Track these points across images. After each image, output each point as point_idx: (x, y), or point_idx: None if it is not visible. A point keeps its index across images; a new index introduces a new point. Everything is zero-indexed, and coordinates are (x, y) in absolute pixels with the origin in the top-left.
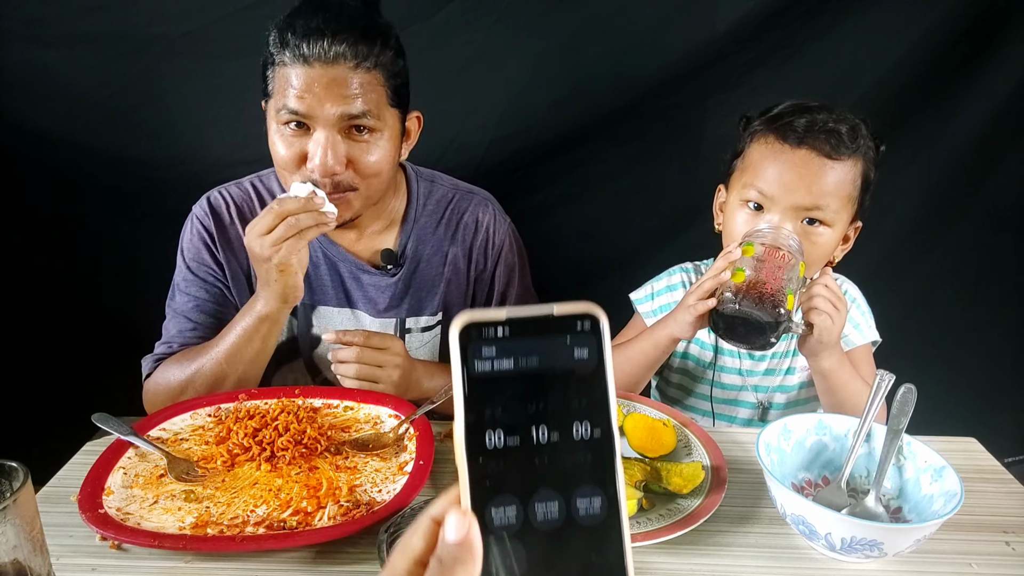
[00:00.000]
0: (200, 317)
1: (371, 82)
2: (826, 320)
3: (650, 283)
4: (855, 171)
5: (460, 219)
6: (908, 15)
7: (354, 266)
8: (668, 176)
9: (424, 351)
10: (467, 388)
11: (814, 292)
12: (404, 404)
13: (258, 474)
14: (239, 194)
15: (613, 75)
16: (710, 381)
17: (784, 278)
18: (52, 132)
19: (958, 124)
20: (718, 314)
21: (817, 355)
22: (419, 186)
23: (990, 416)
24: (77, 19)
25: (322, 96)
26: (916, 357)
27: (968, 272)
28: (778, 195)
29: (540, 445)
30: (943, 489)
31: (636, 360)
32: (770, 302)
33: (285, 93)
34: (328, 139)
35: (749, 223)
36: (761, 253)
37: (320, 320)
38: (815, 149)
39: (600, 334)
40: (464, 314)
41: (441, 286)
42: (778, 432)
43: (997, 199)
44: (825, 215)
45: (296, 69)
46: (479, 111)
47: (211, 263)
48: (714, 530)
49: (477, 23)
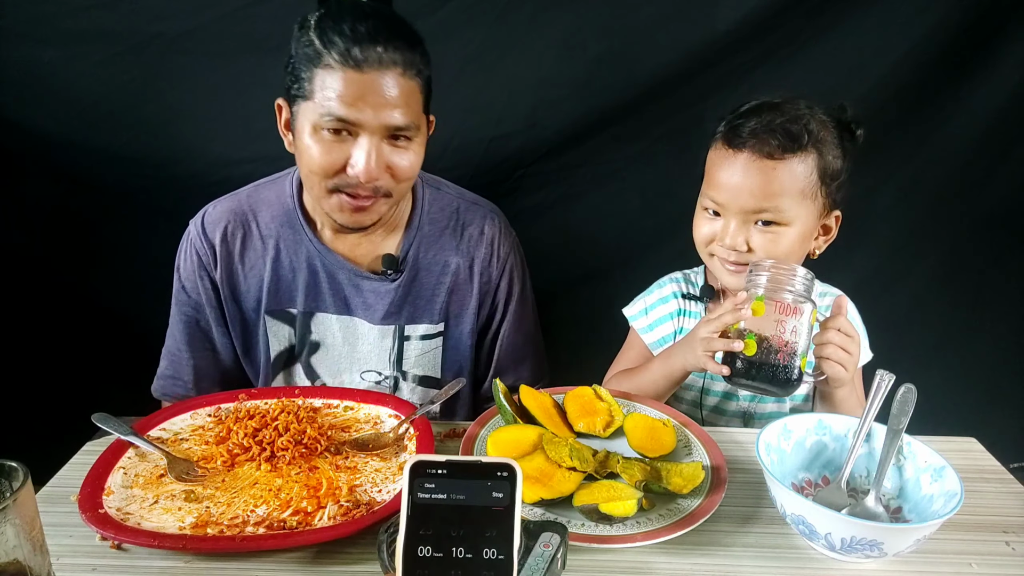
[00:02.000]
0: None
1: (414, 90)
2: (839, 371)
3: (641, 298)
4: (805, 166)
5: (465, 230)
6: (908, 15)
7: (352, 273)
8: (668, 176)
9: (425, 359)
10: (410, 510)
11: (826, 339)
12: (404, 404)
13: (258, 474)
14: (232, 207)
15: (613, 75)
16: (700, 388)
17: (795, 336)
18: (51, 130)
19: (959, 124)
20: (733, 376)
21: (833, 404)
22: (425, 192)
23: (990, 416)
24: (77, 17)
25: (372, 103)
26: (916, 357)
27: (968, 272)
28: (727, 201)
29: (456, 559)
30: (943, 489)
31: (648, 391)
32: (783, 372)
33: (329, 97)
34: (374, 146)
35: (709, 228)
36: (772, 311)
37: (318, 327)
38: (756, 151)
39: (514, 481)
40: (416, 456)
41: (442, 295)
42: (778, 432)
43: (998, 199)
44: (776, 216)
45: (347, 73)
46: (479, 110)
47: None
48: (714, 530)
49: (477, 22)
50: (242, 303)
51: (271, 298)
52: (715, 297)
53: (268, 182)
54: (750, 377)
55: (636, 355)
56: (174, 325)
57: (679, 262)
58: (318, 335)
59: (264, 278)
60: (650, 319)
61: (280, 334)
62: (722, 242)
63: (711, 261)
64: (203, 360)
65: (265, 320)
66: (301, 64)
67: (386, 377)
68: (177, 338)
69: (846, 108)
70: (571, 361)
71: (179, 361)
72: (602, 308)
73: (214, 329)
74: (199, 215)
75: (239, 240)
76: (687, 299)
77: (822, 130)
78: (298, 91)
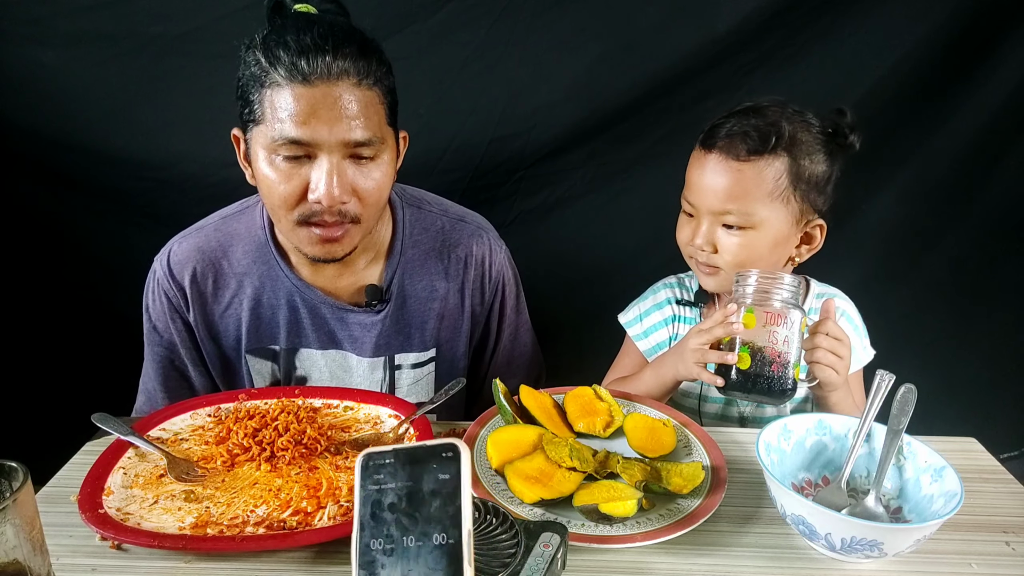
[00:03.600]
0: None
1: (373, 101)
2: (831, 374)
3: (636, 304)
4: (773, 170)
5: (452, 252)
6: (909, 16)
7: (336, 308)
8: (668, 178)
9: (419, 387)
10: (361, 504)
11: (816, 344)
12: (404, 404)
13: (258, 474)
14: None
15: (613, 75)
16: (698, 396)
17: (787, 346)
18: (49, 131)
19: (958, 124)
20: (727, 391)
21: (829, 406)
22: (405, 214)
23: (990, 416)
24: (74, 19)
25: (327, 119)
26: (916, 357)
27: (968, 272)
28: (696, 201)
29: (407, 548)
30: (943, 489)
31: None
32: (778, 383)
33: (280, 119)
34: (334, 166)
35: (687, 229)
36: (762, 322)
37: (303, 363)
38: (723, 152)
39: (459, 461)
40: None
41: (432, 322)
42: (778, 432)
43: (997, 199)
44: (739, 219)
45: (294, 89)
46: (479, 111)
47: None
48: (714, 530)
49: (477, 23)
50: (221, 343)
51: (251, 337)
52: (709, 302)
53: (236, 213)
54: (745, 390)
55: (631, 362)
56: (148, 363)
57: (679, 264)
58: (303, 370)
59: (242, 318)
60: (644, 326)
61: (263, 371)
62: (692, 243)
63: (690, 262)
64: (180, 399)
65: (247, 359)
66: (249, 86)
67: None
68: (151, 376)
69: (845, 112)
70: (568, 364)
71: (155, 400)
72: (600, 311)
73: (190, 368)
74: (164, 253)
75: (211, 282)
76: (681, 305)
77: (801, 133)
78: (249, 116)
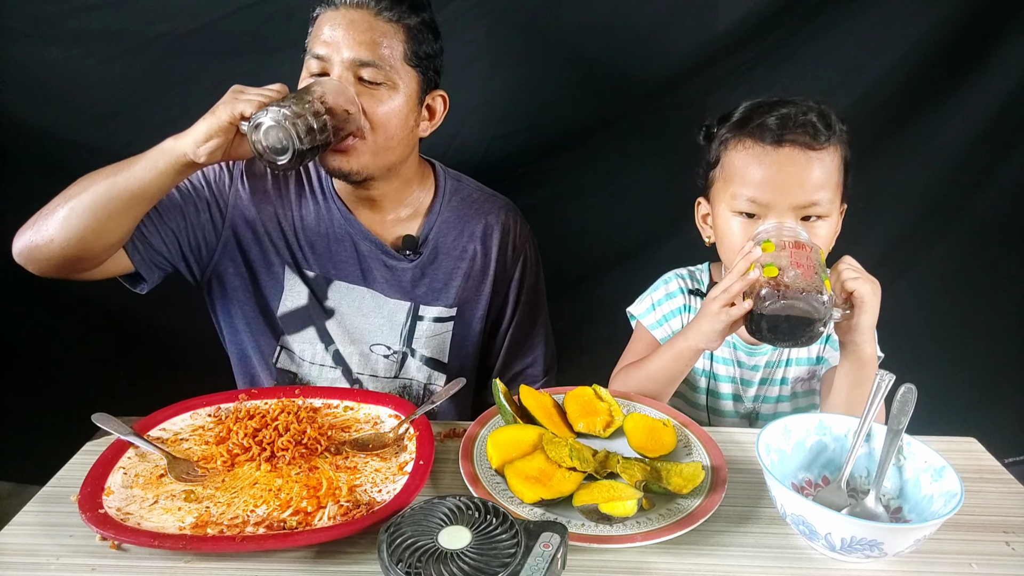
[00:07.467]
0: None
1: (389, 34)
2: (866, 288)
3: (648, 295)
4: (837, 157)
5: (484, 219)
6: (908, 14)
7: (375, 246)
8: (668, 175)
9: (434, 342)
10: None
11: (842, 269)
12: (404, 404)
13: (258, 474)
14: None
15: (613, 74)
16: (705, 390)
17: (809, 262)
18: (54, 130)
19: (958, 123)
20: (760, 315)
21: (862, 334)
22: (446, 182)
23: (990, 416)
24: (79, 17)
25: (339, 38)
26: (916, 357)
27: (969, 271)
28: (772, 199)
29: None
30: (943, 489)
31: (658, 378)
32: (813, 290)
33: (314, 36)
34: (339, 77)
35: (747, 231)
36: (782, 246)
37: (335, 294)
38: (797, 144)
39: None
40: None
41: (458, 280)
42: (778, 432)
43: (997, 198)
44: (821, 208)
45: (326, 14)
46: (480, 109)
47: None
48: (714, 530)
49: (479, 23)
50: (263, 244)
51: (293, 254)
52: None
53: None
54: (779, 306)
55: (643, 348)
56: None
57: (679, 261)
58: (333, 302)
59: (296, 227)
60: (658, 315)
61: (299, 292)
62: None
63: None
64: (144, 243)
65: (286, 272)
66: (311, 22)
67: (395, 352)
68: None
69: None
70: (570, 359)
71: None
72: (601, 307)
73: (202, 226)
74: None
75: (285, 178)
76: (693, 295)
77: (838, 121)
78: (305, 46)
